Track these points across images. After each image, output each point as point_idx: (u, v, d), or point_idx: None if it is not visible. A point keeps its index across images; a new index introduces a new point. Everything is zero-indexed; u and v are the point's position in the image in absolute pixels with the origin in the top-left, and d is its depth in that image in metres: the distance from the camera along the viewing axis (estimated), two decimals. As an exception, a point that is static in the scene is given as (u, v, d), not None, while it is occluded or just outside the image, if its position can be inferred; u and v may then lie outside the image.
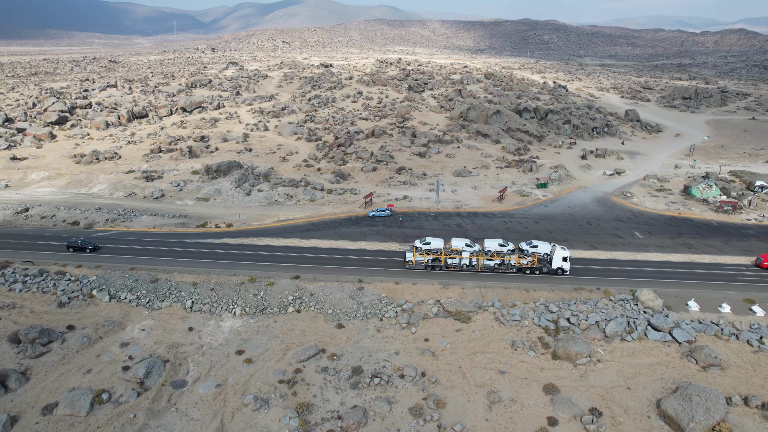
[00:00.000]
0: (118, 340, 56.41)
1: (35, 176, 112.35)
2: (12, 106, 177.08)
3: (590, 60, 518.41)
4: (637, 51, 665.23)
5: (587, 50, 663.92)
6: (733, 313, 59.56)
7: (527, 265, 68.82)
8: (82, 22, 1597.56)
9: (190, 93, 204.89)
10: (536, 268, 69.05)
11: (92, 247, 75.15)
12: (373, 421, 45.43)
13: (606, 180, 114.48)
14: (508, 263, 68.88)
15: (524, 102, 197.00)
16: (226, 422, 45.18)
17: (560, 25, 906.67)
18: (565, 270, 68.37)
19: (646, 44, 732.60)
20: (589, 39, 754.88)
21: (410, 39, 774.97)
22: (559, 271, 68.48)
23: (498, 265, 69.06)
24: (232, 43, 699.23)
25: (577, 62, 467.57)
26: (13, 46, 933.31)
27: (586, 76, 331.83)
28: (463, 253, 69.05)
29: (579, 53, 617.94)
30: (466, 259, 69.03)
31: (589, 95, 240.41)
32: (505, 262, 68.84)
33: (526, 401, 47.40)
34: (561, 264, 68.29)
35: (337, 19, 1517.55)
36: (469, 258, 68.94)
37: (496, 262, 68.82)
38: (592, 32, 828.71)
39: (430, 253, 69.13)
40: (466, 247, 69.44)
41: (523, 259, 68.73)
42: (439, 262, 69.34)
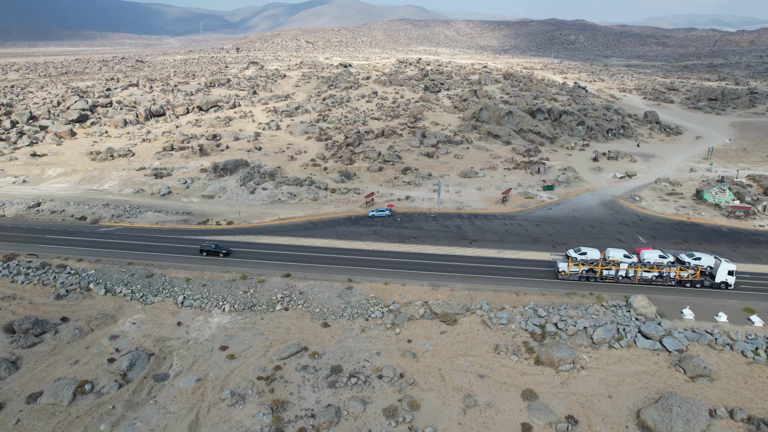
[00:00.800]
0: (109, 332, 57.86)
1: (52, 172, 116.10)
2: (38, 105, 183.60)
3: (617, 60, 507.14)
4: (667, 51, 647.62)
5: (614, 50, 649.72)
6: (729, 323, 57.50)
7: (688, 278, 65.42)
8: (115, 23, 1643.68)
9: (208, 92, 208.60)
10: (697, 282, 65.34)
11: (225, 251, 73.15)
12: (346, 421, 45.48)
13: (616, 183, 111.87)
14: (667, 275, 65.95)
15: (540, 103, 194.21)
16: (201, 416, 45.87)
17: (587, 25, 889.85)
18: (729, 284, 64.36)
19: (677, 44, 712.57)
20: (616, 39, 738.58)
21: (434, 39, 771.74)
22: (723, 285, 64.42)
23: (656, 278, 66.36)
24: (257, 42, 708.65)
25: (602, 63, 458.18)
26: (51, 46, 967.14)
27: (609, 77, 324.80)
28: (621, 264, 66.38)
29: (605, 53, 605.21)
30: (623, 270, 66.49)
31: (610, 96, 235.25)
32: (663, 274, 66.03)
33: (502, 406, 46.74)
34: (726, 278, 64.27)
35: (363, 19, 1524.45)
36: (627, 270, 66.52)
37: (654, 274, 66.22)
38: (621, 32, 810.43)
39: (585, 264, 66.78)
40: (624, 258, 66.70)
41: (684, 272, 65.60)
42: (594, 273, 66.79)
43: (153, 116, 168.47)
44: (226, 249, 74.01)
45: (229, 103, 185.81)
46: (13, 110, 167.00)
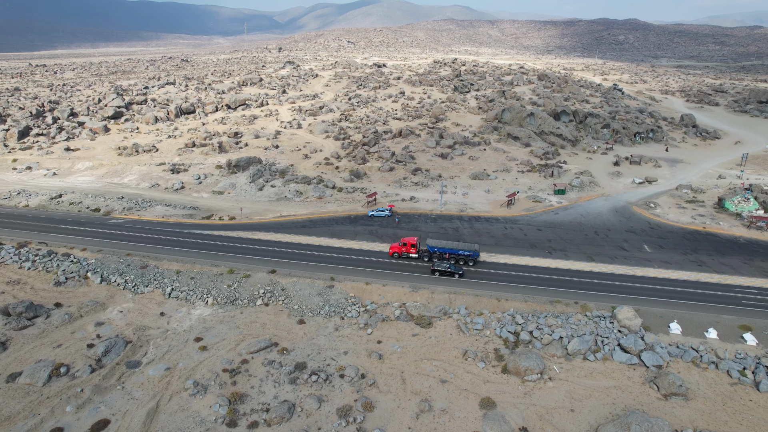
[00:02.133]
0: (96, 319, 60.63)
1: (81, 166, 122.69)
2: (82, 102, 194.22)
3: (666, 61, 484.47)
4: (725, 51, 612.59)
5: (666, 51, 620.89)
6: (720, 340, 54.03)
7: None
8: (171, 24, 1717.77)
9: (239, 91, 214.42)
10: None
11: (461, 273, 67.29)
12: (298, 417, 45.83)
13: (633, 188, 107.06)
14: None
15: (570, 105, 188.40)
16: (162, 404, 47.36)
17: (640, 24, 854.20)
18: None
19: (738, 43, 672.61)
20: (669, 39, 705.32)
21: (477, 39, 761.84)
22: None
23: None
24: (300, 42, 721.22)
25: (649, 64, 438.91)
26: (110, 47, 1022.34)
27: (653, 78, 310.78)
28: None
29: (656, 54, 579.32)
30: None
31: (650, 98, 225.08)
32: None
33: (457, 413, 45.81)
34: None
35: (409, 19, 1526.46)
36: None
37: None
38: (675, 31, 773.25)
39: None
40: None
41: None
42: None
43: (183, 113, 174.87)
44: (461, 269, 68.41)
45: (257, 102, 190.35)
46: (58, 107, 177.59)
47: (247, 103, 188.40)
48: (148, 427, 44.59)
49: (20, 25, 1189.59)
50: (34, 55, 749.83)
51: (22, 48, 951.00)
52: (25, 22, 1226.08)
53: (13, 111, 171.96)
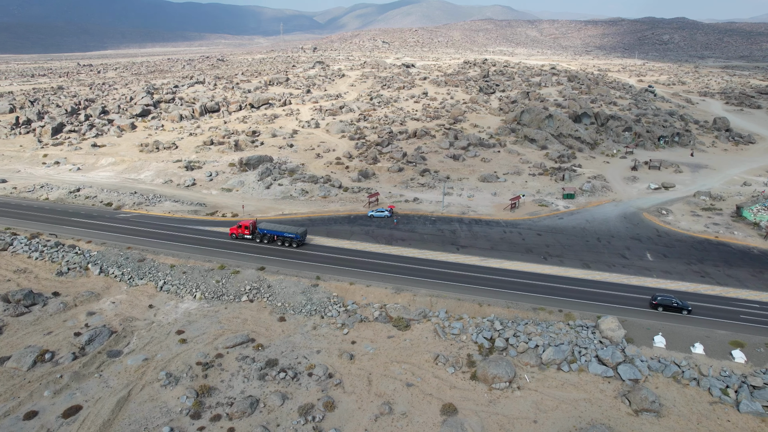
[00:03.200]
0: (88, 309, 63.23)
1: (104, 161, 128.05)
2: (116, 100, 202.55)
3: (713, 62, 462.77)
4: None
5: (714, 50, 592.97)
6: (706, 355, 51.40)
7: None
8: (214, 24, 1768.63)
9: (265, 90, 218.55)
10: None
11: (689, 309, 59.19)
12: (260, 413, 46.47)
13: (648, 194, 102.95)
14: None
15: (597, 106, 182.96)
16: (133, 393, 48.96)
17: (687, 23, 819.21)
18: None
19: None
20: (718, 38, 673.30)
21: (515, 39, 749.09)
22: None
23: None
24: (336, 42, 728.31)
25: (693, 64, 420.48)
26: (156, 47, 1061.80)
27: (694, 79, 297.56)
28: None
29: (702, 54, 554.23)
30: None
31: (685, 101, 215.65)
32: None
33: (416, 418, 45.39)
34: None
35: (448, 19, 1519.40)
36: None
37: None
38: (726, 29, 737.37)
39: None
40: None
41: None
42: None
43: (207, 112, 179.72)
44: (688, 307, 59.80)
45: (280, 101, 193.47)
46: (92, 105, 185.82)
47: (270, 102, 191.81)
48: (116, 415, 46.16)
49: (76, 28, 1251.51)
50: (86, 56, 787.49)
51: (77, 49, 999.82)
52: (80, 25, 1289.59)
53: (52, 108, 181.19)
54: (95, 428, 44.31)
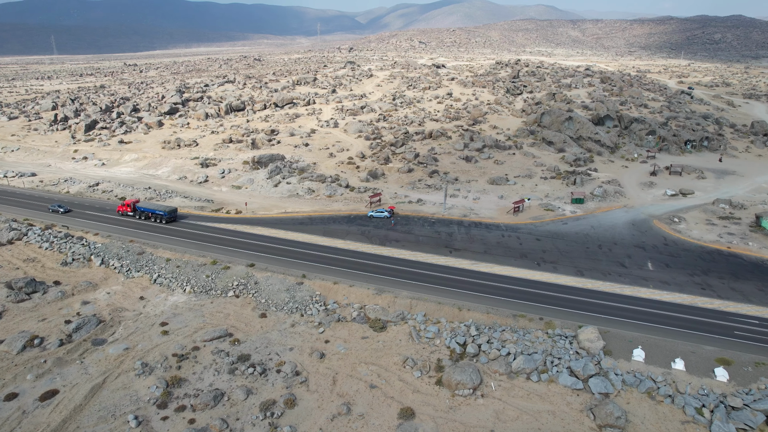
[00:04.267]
0: (84, 299, 66.19)
1: (127, 157, 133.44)
2: (149, 98, 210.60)
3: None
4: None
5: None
6: (686, 372, 48.84)
7: None
8: (258, 24, 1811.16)
9: (292, 89, 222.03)
10: None
11: None
12: (222, 406, 47.46)
13: (663, 201, 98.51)
14: None
15: (626, 109, 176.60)
16: (108, 381, 50.96)
17: (743, 21, 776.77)
18: None
19: None
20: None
21: (555, 39, 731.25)
22: None
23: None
24: (374, 43, 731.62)
25: (744, 64, 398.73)
26: (201, 47, 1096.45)
27: (741, 81, 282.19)
28: None
29: (757, 54, 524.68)
30: None
31: (726, 103, 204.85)
32: None
33: (373, 421, 45.26)
34: None
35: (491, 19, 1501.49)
36: None
37: None
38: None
39: None
40: None
41: None
42: None
43: (233, 111, 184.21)
44: None
45: (304, 101, 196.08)
46: (126, 103, 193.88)
47: (294, 101, 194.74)
48: (89, 401, 48.19)
49: (128, 29, 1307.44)
50: (135, 56, 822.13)
51: (128, 49, 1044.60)
52: (131, 26, 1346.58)
53: (89, 106, 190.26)
54: (66, 413, 46.38)
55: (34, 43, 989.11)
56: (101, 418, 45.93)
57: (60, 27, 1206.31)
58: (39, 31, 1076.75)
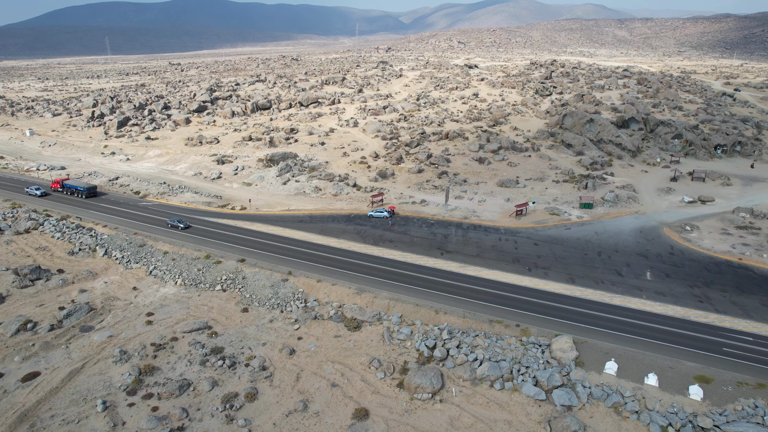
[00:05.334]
0: (82, 287, 69.38)
1: (151, 153, 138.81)
2: (183, 96, 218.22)
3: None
4: None
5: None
6: (659, 388, 46.42)
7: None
8: (303, 25, 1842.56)
9: (320, 89, 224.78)
10: None
11: None
12: (186, 396, 48.77)
13: (679, 208, 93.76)
14: None
15: (659, 111, 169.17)
16: (87, 366, 53.31)
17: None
18: None
19: None
20: None
21: (599, 40, 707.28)
22: None
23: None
24: (413, 43, 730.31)
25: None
26: (246, 47, 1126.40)
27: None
28: None
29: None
30: None
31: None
32: None
33: (326, 419, 45.40)
34: None
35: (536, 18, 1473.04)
36: None
37: None
38: None
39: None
40: None
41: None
42: None
43: (259, 109, 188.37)
44: None
45: (330, 100, 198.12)
46: (159, 101, 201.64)
47: (319, 101, 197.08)
48: (65, 384, 50.53)
49: (178, 30, 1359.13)
50: (182, 55, 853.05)
51: (177, 49, 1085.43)
52: (181, 27, 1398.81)
53: (124, 104, 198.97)
54: (42, 394, 48.81)
55: (93, 45, 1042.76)
56: (73, 401, 48.07)
57: (117, 29, 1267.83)
58: (98, 33, 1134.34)
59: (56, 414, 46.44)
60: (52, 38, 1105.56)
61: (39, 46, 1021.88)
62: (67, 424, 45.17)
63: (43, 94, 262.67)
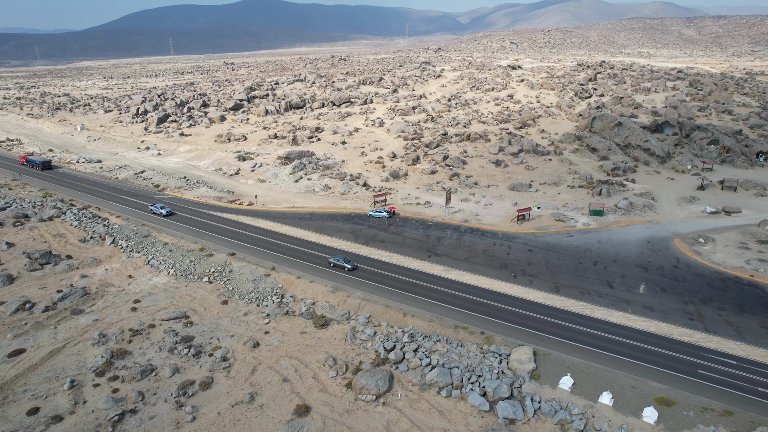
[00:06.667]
0: (84, 273, 73.96)
1: (182, 149, 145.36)
2: (225, 95, 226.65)
3: None
4: None
5: None
6: (612, 408, 43.82)
7: None
8: (360, 25, 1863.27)
9: (356, 89, 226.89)
10: None
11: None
12: (147, 380, 51.10)
13: (699, 218, 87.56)
14: None
15: (704, 115, 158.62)
16: (67, 346, 56.93)
17: None
18: None
19: None
20: None
21: (662, 40, 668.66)
22: None
23: None
24: (465, 43, 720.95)
25: None
26: (303, 47, 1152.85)
27: None
28: None
29: None
30: None
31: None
32: None
33: (269, 413, 46.22)
34: None
35: (600, 17, 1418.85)
36: None
37: None
38: None
39: None
40: None
41: None
42: None
43: (292, 108, 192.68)
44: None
45: (362, 100, 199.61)
46: (201, 98, 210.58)
47: (351, 100, 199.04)
48: (45, 362, 54.22)
49: (239, 30, 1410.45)
50: (241, 55, 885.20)
51: (237, 49, 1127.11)
52: (242, 28, 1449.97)
53: (168, 102, 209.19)
54: (22, 369, 52.63)
55: (161, 45, 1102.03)
56: (46, 378, 51.50)
57: (183, 30, 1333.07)
58: (165, 35, 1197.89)
59: (29, 389, 49.89)
60: (126, 40, 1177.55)
61: (114, 48, 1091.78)
62: (35, 399, 48.43)
63: (103, 92, 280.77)
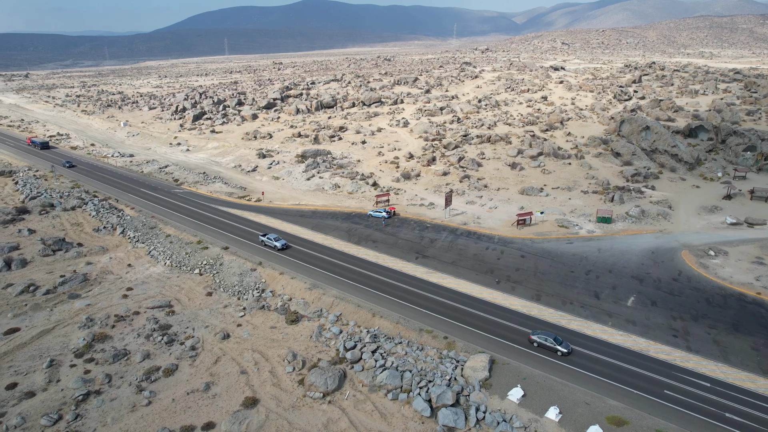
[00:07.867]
0: (90, 260, 78.47)
1: (210, 146, 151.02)
2: (264, 93, 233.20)
3: None
4: None
5: None
6: (557, 423, 41.96)
7: None
8: (414, 26, 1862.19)
9: (390, 89, 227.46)
10: None
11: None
12: (118, 364, 53.71)
13: (717, 230, 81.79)
14: None
15: (752, 119, 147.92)
16: (57, 328, 60.70)
17: None
18: None
19: None
20: None
21: (729, 39, 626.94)
22: None
23: None
24: (514, 44, 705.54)
25: None
26: (355, 47, 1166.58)
27: None
28: None
29: None
30: None
31: None
32: None
33: (219, 403, 47.47)
34: None
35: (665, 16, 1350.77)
36: None
37: None
38: None
39: None
40: None
41: None
42: None
43: (323, 107, 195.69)
44: None
45: (392, 100, 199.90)
46: (238, 97, 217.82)
47: (382, 100, 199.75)
48: (33, 341, 58.10)
49: (294, 31, 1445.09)
50: (293, 54, 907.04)
51: (291, 49, 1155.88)
52: (297, 28, 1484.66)
53: (206, 100, 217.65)
54: (12, 347, 56.66)
55: (218, 46, 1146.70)
56: (31, 357, 55.19)
57: (240, 31, 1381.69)
58: (223, 35, 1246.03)
59: (13, 365, 53.63)
60: (187, 41, 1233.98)
61: (176, 48, 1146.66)
62: (16, 375, 52.02)
63: (153, 90, 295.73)
